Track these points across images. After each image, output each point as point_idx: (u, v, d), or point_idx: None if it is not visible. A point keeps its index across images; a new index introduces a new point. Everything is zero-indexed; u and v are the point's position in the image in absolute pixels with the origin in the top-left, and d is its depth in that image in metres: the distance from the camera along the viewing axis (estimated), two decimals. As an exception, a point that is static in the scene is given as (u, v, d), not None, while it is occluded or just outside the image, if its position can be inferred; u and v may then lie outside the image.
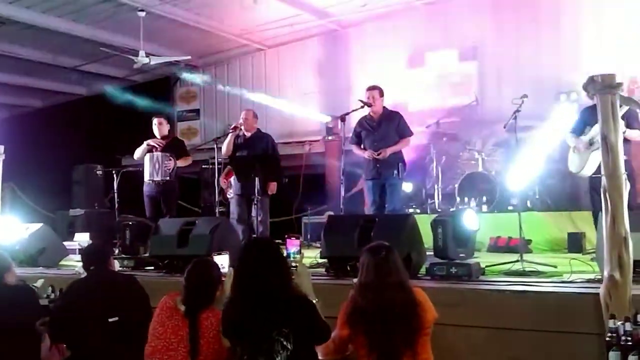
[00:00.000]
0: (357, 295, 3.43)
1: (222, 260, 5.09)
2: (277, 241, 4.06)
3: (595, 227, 6.12)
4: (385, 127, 7.23)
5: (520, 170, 7.27)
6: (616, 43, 9.68)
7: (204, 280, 3.70)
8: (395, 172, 7.18)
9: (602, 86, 3.90)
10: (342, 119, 7.16)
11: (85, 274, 4.60)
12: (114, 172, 9.05)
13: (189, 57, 12.05)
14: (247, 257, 3.36)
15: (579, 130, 6.33)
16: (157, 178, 8.05)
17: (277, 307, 3.14)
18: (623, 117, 4.47)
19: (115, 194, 9.00)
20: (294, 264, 4.04)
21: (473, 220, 5.36)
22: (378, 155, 7.09)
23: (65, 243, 8.37)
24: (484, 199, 8.66)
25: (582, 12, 9.95)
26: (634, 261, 3.83)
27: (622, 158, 3.84)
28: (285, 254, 4.68)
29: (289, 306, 3.17)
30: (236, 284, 3.32)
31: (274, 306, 3.14)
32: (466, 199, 8.60)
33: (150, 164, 8.08)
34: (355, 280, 3.61)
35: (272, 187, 7.57)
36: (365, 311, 3.35)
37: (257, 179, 6.93)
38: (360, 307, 3.38)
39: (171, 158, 8.09)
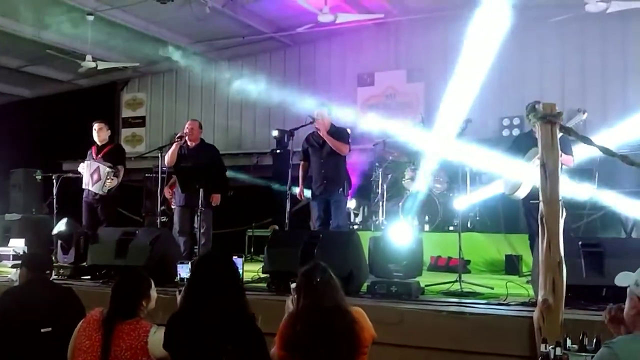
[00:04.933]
0: (295, 319, 3.36)
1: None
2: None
3: (532, 250, 6.29)
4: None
5: (462, 192, 7.41)
6: (558, 73, 10.07)
7: (124, 290, 3.60)
8: (341, 189, 7.22)
9: (543, 115, 4.01)
10: (291, 133, 7.18)
11: (18, 281, 4.44)
12: (53, 177, 8.77)
13: (138, 64, 11.88)
14: (201, 272, 3.26)
15: (513, 156, 6.52)
16: (92, 188, 7.85)
17: (225, 332, 3.02)
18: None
19: (55, 200, 8.73)
20: None
21: (404, 235, 5.37)
22: (313, 122, 7.08)
23: (-1, 248, 8.10)
24: (426, 218, 8.79)
25: (526, 41, 10.27)
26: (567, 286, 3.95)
27: (560, 185, 3.96)
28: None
29: (238, 334, 3.04)
30: (186, 298, 3.21)
31: (221, 330, 3.02)
32: (409, 218, 8.71)
33: (88, 171, 7.88)
34: (290, 298, 3.57)
35: (216, 199, 7.50)
36: (302, 337, 3.28)
37: (201, 191, 6.85)
38: (298, 333, 3.30)
39: (115, 177, 7.88)
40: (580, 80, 10.09)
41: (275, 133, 11.20)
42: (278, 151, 11.14)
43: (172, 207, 8.55)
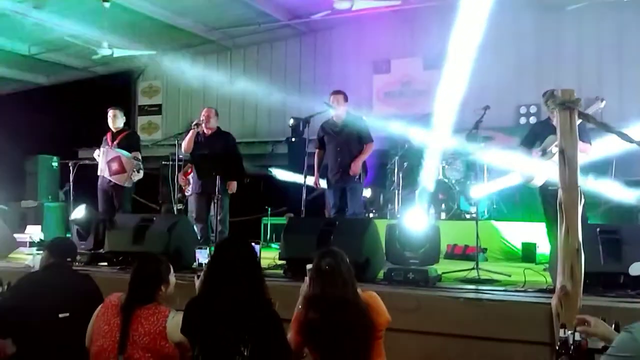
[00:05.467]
0: (307, 306, 3.38)
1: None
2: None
3: (548, 238, 6.25)
4: (348, 132, 7.25)
5: (479, 180, 7.39)
6: (575, 62, 9.97)
7: (143, 275, 3.61)
8: (357, 176, 7.20)
9: (562, 101, 3.98)
10: (307, 121, 7.16)
11: (36, 267, 4.47)
12: (70, 164, 8.82)
13: (154, 52, 11.91)
14: (221, 257, 3.25)
15: (530, 143, 6.47)
16: (111, 178, 7.87)
17: (243, 318, 3.02)
18: None
19: (71, 187, 8.79)
20: None
21: (421, 223, 5.35)
22: (349, 172, 7.12)
23: (15, 235, 8.16)
24: (443, 206, 8.76)
25: (543, 29, 10.18)
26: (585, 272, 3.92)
27: (578, 171, 3.93)
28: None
29: (256, 320, 3.04)
30: (205, 283, 3.21)
31: (240, 316, 3.02)
32: (425, 206, 8.69)
33: (104, 159, 7.91)
34: (306, 280, 3.56)
35: (233, 186, 7.53)
36: (313, 325, 3.30)
37: (217, 178, 6.87)
38: (310, 320, 3.32)
39: (141, 170, 7.91)
40: (597, 69, 9.99)
41: (291, 121, 11.18)
42: (293, 139, 11.13)
43: (186, 194, 8.58)
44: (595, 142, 6.24)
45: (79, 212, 7.04)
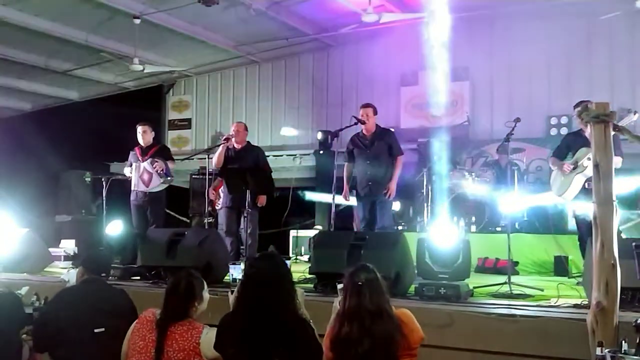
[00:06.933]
0: (341, 321, 3.37)
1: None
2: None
3: (581, 251, 6.17)
4: (377, 145, 7.23)
5: (509, 192, 7.33)
6: (607, 72, 9.85)
7: (178, 292, 3.64)
8: (386, 190, 7.18)
9: (596, 114, 3.93)
10: (336, 134, 7.17)
11: (71, 281, 4.52)
12: (103, 179, 8.94)
13: (184, 68, 12.06)
14: (255, 273, 3.28)
15: (562, 155, 6.41)
16: (147, 189, 7.94)
17: (277, 331, 3.06)
18: None
19: (104, 201, 8.89)
20: None
21: (452, 237, 5.31)
22: (388, 197, 7.12)
23: (50, 249, 8.28)
24: (473, 219, 8.69)
25: (575, 39, 10.08)
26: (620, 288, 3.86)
27: (614, 185, 3.87)
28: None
29: (289, 332, 3.08)
30: (239, 300, 3.24)
31: (273, 330, 3.06)
32: (455, 219, 8.63)
33: (137, 174, 8.00)
34: (337, 300, 3.56)
35: (262, 200, 7.55)
36: (348, 339, 3.29)
37: (247, 192, 6.90)
38: (344, 334, 3.31)
39: (157, 160, 7.96)
40: (630, 79, 9.85)
41: (319, 135, 11.21)
42: (321, 152, 11.15)
43: (217, 207, 8.63)
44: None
45: (115, 227, 7.11)
